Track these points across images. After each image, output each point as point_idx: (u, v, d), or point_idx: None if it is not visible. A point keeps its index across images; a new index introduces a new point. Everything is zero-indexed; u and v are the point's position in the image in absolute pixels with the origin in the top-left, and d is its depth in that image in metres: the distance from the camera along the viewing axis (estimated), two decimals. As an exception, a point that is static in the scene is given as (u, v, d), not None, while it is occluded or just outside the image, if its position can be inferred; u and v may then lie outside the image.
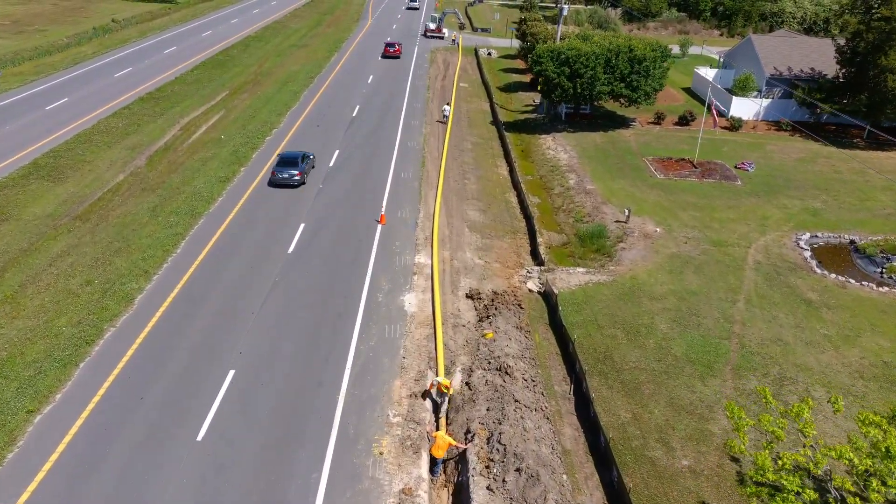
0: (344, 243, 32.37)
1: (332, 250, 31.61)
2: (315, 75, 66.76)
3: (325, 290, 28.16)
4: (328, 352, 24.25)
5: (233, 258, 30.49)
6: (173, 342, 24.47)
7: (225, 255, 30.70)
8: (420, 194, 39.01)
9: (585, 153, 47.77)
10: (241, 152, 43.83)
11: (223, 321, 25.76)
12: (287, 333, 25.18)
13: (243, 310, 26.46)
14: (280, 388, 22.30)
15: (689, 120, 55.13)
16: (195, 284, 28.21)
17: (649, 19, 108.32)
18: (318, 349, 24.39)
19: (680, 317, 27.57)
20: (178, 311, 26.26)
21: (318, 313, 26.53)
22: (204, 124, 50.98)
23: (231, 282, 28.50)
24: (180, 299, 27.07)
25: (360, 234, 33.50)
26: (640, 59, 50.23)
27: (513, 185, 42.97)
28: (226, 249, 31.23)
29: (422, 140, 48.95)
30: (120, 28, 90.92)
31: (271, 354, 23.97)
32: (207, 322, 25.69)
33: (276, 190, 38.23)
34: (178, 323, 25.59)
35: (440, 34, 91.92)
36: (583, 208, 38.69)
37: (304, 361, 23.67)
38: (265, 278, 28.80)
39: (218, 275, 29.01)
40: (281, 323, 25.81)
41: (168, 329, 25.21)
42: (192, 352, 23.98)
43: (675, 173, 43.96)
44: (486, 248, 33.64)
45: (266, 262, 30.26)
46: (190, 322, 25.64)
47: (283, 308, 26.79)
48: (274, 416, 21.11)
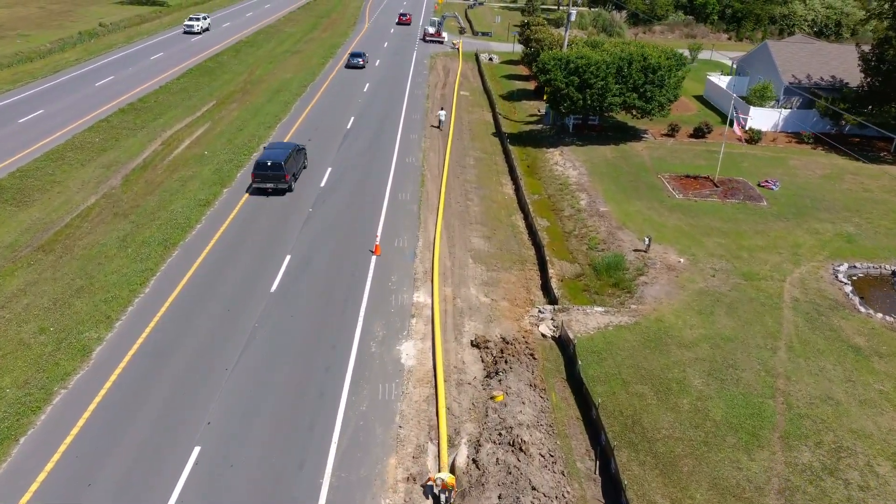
0: (334, 279, 28.99)
1: (321, 288, 28.21)
2: (308, 83, 63.38)
3: (311, 339, 24.76)
4: (312, 419, 20.84)
5: (207, 299, 27.09)
6: (132, 409, 21.06)
7: (198, 296, 27.29)
8: (419, 219, 35.63)
9: (596, 169, 44.42)
10: (224, 171, 40.43)
11: (191, 382, 22.34)
12: (265, 396, 21.77)
13: (215, 366, 23.05)
14: (253, 470, 18.90)
15: (704, 132, 51.82)
16: (162, 333, 24.80)
17: (655, 22, 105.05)
18: (301, 417, 20.98)
19: (715, 369, 24.19)
20: (141, 369, 22.85)
21: (302, 368, 23.13)
22: (187, 138, 47.58)
23: (203, 330, 25.08)
24: (144, 353, 23.66)
25: (353, 267, 30.11)
26: (654, 67, 46.90)
27: (519, 206, 39.60)
28: (200, 289, 27.83)
29: (421, 156, 45.58)
30: (107, 32, 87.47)
31: (245, 425, 20.57)
32: (173, 382, 22.28)
33: (259, 216, 34.83)
34: (140, 384, 22.18)
35: (439, 38, 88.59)
36: (597, 234, 35.33)
37: (283, 433, 20.26)
38: (243, 325, 25.38)
39: (189, 321, 25.60)
40: (258, 382, 22.40)
41: (127, 391, 21.81)
42: (154, 422, 20.57)
43: (695, 193, 40.59)
44: (493, 282, 30.26)
45: (245, 303, 26.85)
46: (153, 383, 22.23)
47: (263, 362, 23.38)
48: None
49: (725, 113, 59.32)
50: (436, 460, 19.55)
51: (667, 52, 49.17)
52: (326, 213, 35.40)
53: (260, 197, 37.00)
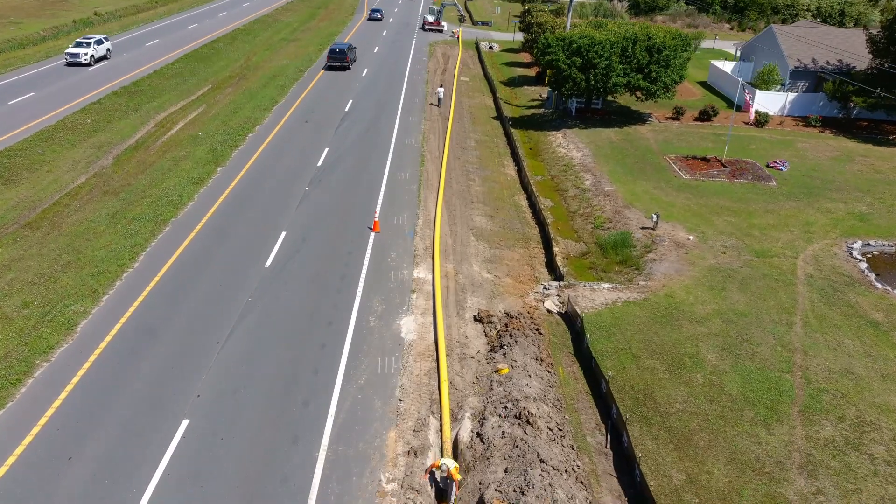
0: (331, 255, 27.90)
1: (317, 264, 27.13)
2: (305, 69, 62.26)
3: (306, 314, 23.67)
4: (308, 395, 19.76)
5: (198, 275, 25.99)
6: (117, 383, 19.98)
7: (190, 272, 26.19)
8: (419, 198, 34.54)
9: (600, 151, 43.34)
10: (219, 151, 39.33)
11: (180, 356, 21.25)
12: (257, 371, 20.69)
13: (205, 341, 21.96)
14: (244, 443, 17.82)
15: (710, 115, 50.75)
16: (151, 308, 23.71)
17: (657, 12, 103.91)
18: (296, 391, 19.91)
19: (729, 344, 23.13)
20: (127, 343, 21.76)
21: (296, 344, 22.05)
22: (181, 120, 46.48)
23: (194, 305, 23.99)
24: (131, 327, 22.57)
25: (350, 244, 29.02)
26: (659, 47, 45.82)
27: (522, 186, 38.52)
28: (191, 264, 26.73)
29: (421, 138, 44.48)
30: (102, 21, 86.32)
31: (236, 398, 19.49)
32: (161, 357, 21.20)
33: (254, 193, 33.72)
34: (126, 358, 21.09)
35: (439, 27, 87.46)
36: (602, 213, 34.26)
37: (277, 409, 19.19)
38: (235, 300, 24.29)
39: (179, 296, 24.51)
40: (251, 357, 21.31)
41: (113, 365, 20.72)
42: (140, 395, 19.50)
43: (702, 173, 39.51)
44: (496, 259, 29.18)
45: (238, 279, 25.75)
46: (140, 357, 21.15)
47: (255, 338, 22.30)
48: (234, 482, 16.64)
49: (730, 98, 58.35)
50: (438, 434, 18.47)
51: (672, 31, 48.09)
52: (323, 192, 34.31)
53: (255, 175, 35.93)
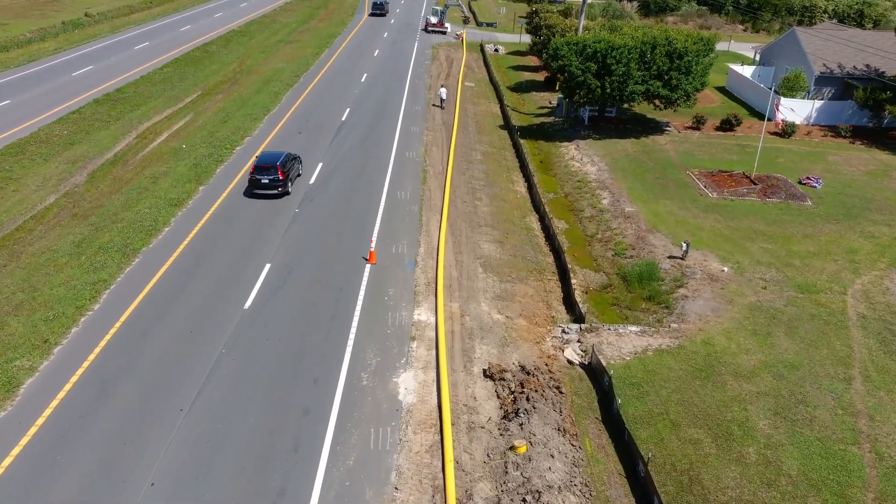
0: (320, 293, 24.57)
1: (304, 304, 23.80)
2: (301, 73, 58.94)
3: (288, 369, 20.36)
4: (284, 482, 16.43)
5: (166, 319, 22.68)
6: (59, 460, 16.69)
7: (156, 314, 22.88)
8: (421, 221, 31.20)
9: (617, 165, 39.97)
10: (202, 166, 36.01)
11: (135, 427, 17.94)
12: (224, 450, 17.36)
13: (167, 408, 18.65)
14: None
15: (733, 124, 47.31)
16: (108, 362, 20.40)
17: (667, 13, 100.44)
18: (270, 477, 16.58)
19: (783, 407, 19.77)
20: (75, 409, 18.47)
21: (275, 409, 18.73)
22: (166, 131, 43.20)
23: (157, 358, 20.67)
24: (83, 387, 19.28)
25: (343, 278, 25.69)
26: (680, 52, 42.42)
27: (534, 206, 35.18)
28: (159, 305, 23.42)
29: (423, 150, 41.13)
30: (93, 23, 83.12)
31: (197, 488, 16.17)
32: (113, 427, 17.90)
33: (237, 217, 30.41)
34: (72, 427, 17.81)
35: (442, 29, 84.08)
36: (623, 238, 30.90)
37: (245, 500, 15.85)
38: (206, 352, 20.97)
39: (141, 346, 21.19)
40: (218, 429, 17.99)
41: (56, 438, 17.44)
42: (85, 478, 16.20)
43: (731, 191, 36.12)
44: (507, 295, 25.83)
45: (212, 324, 22.44)
46: (88, 427, 17.85)
47: (226, 403, 18.98)
48: None
49: (751, 105, 54.98)
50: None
51: (693, 35, 44.71)
52: (315, 214, 30.97)
53: (240, 196, 32.62)
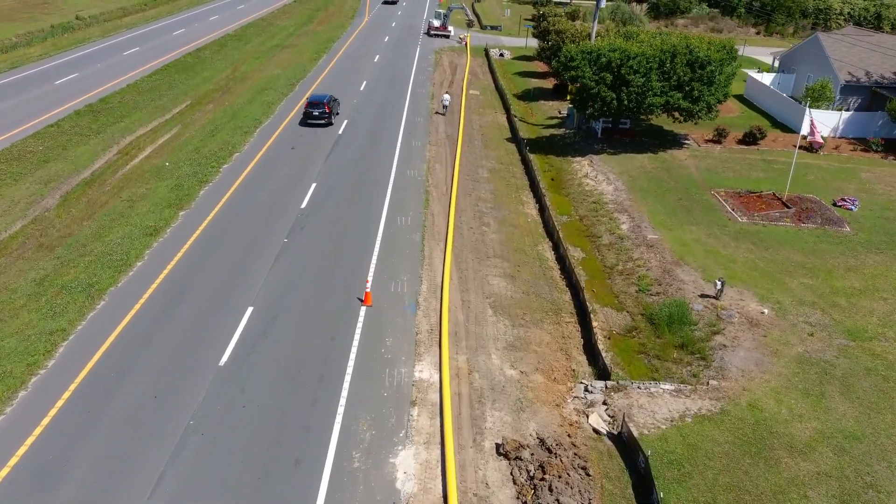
0: (308, 344, 21.56)
1: (289, 359, 20.79)
2: (298, 81, 55.98)
3: (266, 446, 17.35)
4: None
5: (129, 379, 19.67)
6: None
7: (118, 372, 19.89)
8: (423, 252, 28.18)
9: (635, 184, 36.96)
10: (184, 188, 33.03)
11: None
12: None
13: (121, 498, 15.64)
14: None
15: (756, 137, 44.24)
16: (58, 435, 17.42)
17: (677, 15, 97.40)
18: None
19: (849, 492, 16.74)
20: (14, 497, 15.47)
21: (246, 503, 15.71)
22: (150, 145, 40.27)
23: (113, 432, 17.66)
24: (23, 470, 16.26)
25: (334, 324, 22.67)
26: (702, 62, 39.37)
27: (546, 232, 32.17)
28: (122, 360, 20.42)
29: (425, 168, 38.12)
30: (84, 26, 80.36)
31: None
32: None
33: (219, 249, 27.38)
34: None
35: (445, 32, 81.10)
36: (647, 270, 27.88)
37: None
38: (171, 424, 17.94)
39: (96, 416, 18.17)
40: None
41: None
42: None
43: (761, 215, 33.08)
44: (520, 344, 22.80)
45: (181, 386, 19.44)
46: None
47: (190, 489, 15.97)
48: None
49: (772, 115, 51.90)
50: None
51: (715, 43, 41.66)
52: (305, 246, 27.95)
53: (223, 223, 29.62)
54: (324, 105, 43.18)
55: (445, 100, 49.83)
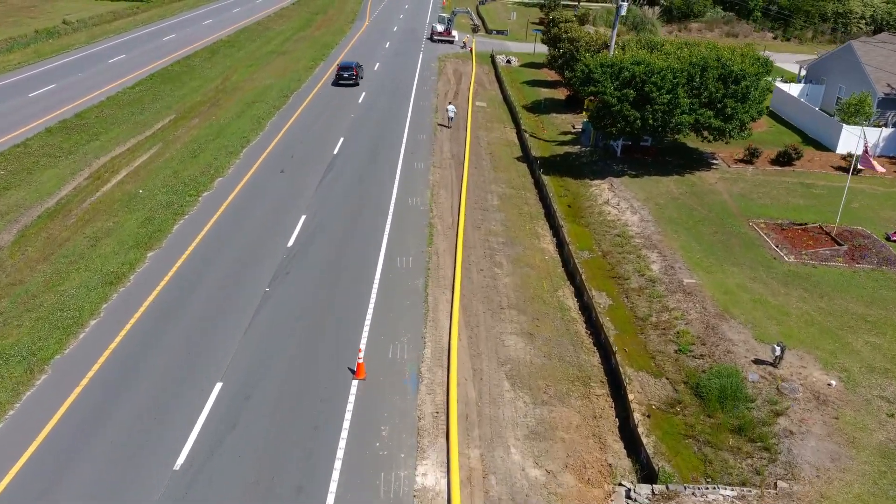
0: (286, 437, 17.68)
1: (261, 460, 16.92)
2: (291, 92, 52.17)
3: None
4: None
5: (64, 487, 15.83)
6: None
7: (53, 475, 16.04)
8: (426, 304, 24.30)
9: (663, 213, 33.10)
10: (156, 221, 29.21)
11: None
12: None
13: None
14: None
15: (792, 157, 40.32)
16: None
17: (691, 19, 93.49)
18: None
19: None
20: None
21: None
22: (125, 168, 36.47)
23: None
24: None
25: (318, 407, 18.80)
26: (736, 76, 35.48)
27: (566, 272, 28.30)
28: (56, 465, 16.55)
29: (429, 194, 34.27)
30: (71, 31, 76.69)
31: None
32: None
33: (186, 303, 23.48)
34: None
35: (449, 38, 77.31)
36: (687, 325, 24.01)
37: None
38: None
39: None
40: None
41: None
42: None
43: (809, 253, 29.19)
44: (544, 429, 18.91)
45: (126, 497, 15.58)
46: None
47: None
48: None
49: (803, 130, 48.00)
50: None
51: (749, 55, 37.76)
52: (288, 297, 24.07)
53: (196, 267, 25.76)
54: (352, 69, 54.10)
55: (451, 111, 46.40)
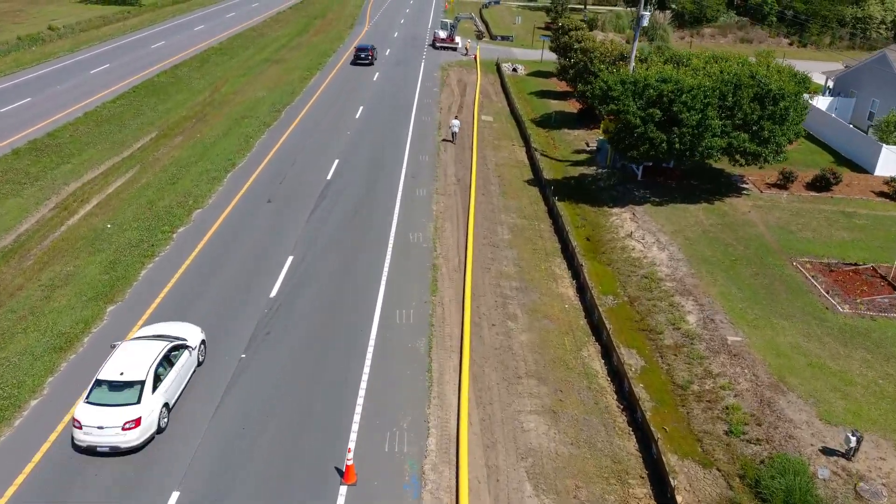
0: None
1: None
2: (284, 106, 48.63)
3: None
4: None
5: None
6: None
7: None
8: (429, 374, 20.71)
9: (694, 249, 29.53)
10: (122, 265, 25.65)
11: None
12: None
13: None
14: None
15: (830, 182, 36.70)
16: None
17: (703, 24, 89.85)
18: None
19: None
20: None
21: None
22: (96, 196, 32.97)
23: None
24: None
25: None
26: (776, 95, 31.90)
27: (589, 323, 24.73)
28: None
29: (432, 228, 30.70)
30: (56, 38, 73.13)
31: None
32: None
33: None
34: None
35: (452, 44, 73.74)
36: (736, 397, 20.44)
37: None
38: None
39: None
40: None
41: None
42: None
43: (865, 301, 25.59)
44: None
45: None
46: None
47: None
48: None
49: (834, 148, 44.39)
50: None
51: (785, 70, 34.21)
52: (267, 369, 20.47)
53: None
54: (368, 51, 63.19)
55: (454, 126, 43.16)
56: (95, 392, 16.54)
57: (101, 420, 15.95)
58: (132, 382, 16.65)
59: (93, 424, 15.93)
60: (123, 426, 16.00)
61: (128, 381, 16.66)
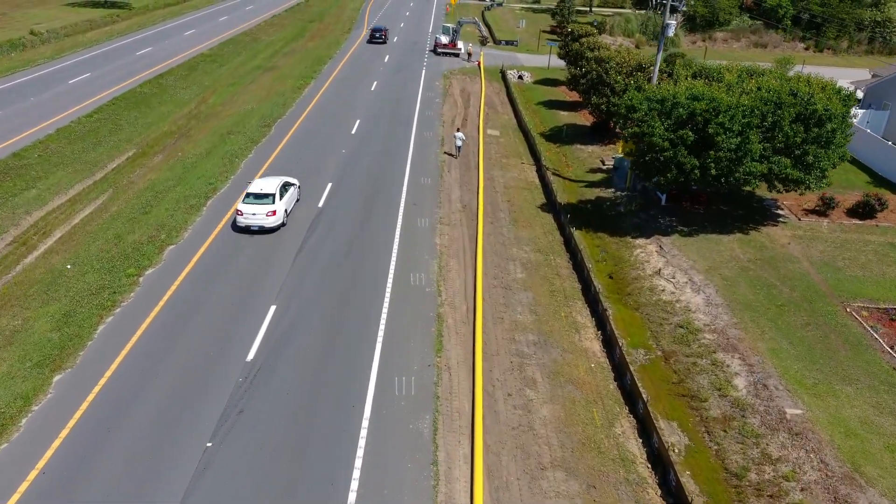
0: None
1: None
2: (275, 120, 45.09)
3: None
4: None
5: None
6: None
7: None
8: (435, 467, 17.14)
9: (734, 292, 26.00)
10: (76, 320, 22.08)
11: None
12: None
13: None
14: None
15: (874, 209, 33.19)
16: None
17: (715, 28, 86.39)
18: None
19: None
20: None
21: None
22: (60, 228, 29.46)
23: None
24: None
25: None
26: (821, 116, 28.37)
27: (620, 387, 21.21)
28: None
29: (435, 267, 27.13)
30: (39, 43, 69.70)
31: None
32: None
33: (98, 457, 16.43)
34: None
35: (455, 50, 70.25)
36: (803, 490, 16.96)
37: None
38: None
39: None
40: None
41: None
42: None
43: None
44: None
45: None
46: None
47: None
48: None
49: (870, 167, 40.87)
50: None
51: (829, 87, 30.69)
52: (237, 462, 16.91)
53: (116, 402, 18.62)
54: (382, 31, 73.44)
55: (459, 139, 40.09)
56: (247, 199, 28.23)
57: (255, 210, 27.91)
58: (269, 194, 28.37)
59: (249, 213, 27.94)
60: (267, 214, 27.91)
61: (266, 193, 28.38)
